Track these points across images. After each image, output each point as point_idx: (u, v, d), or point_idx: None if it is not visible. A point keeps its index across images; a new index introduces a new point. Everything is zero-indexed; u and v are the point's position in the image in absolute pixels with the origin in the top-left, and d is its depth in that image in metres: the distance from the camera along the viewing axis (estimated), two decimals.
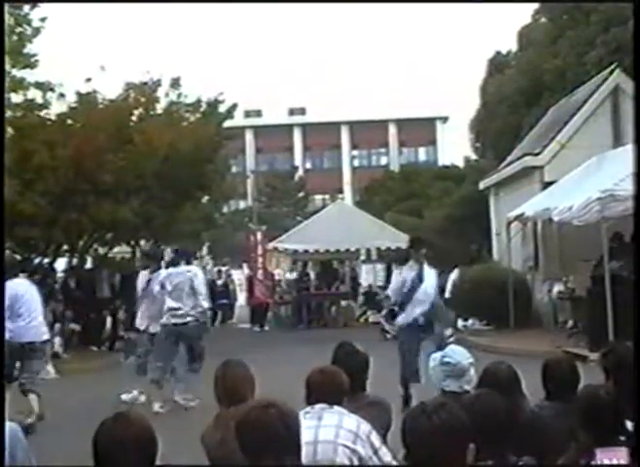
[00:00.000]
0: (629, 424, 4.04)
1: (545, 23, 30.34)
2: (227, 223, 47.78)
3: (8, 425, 3.83)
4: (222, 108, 25.54)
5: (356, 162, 72.87)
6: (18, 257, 22.55)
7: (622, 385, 4.32)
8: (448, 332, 12.47)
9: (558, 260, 18.15)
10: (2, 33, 16.88)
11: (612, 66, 21.20)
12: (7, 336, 10.01)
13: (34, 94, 21.15)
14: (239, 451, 3.13)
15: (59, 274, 24.62)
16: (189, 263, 12.47)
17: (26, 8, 20.42)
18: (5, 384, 9.08)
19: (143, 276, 12.65)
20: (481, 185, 25.63)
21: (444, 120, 70.37)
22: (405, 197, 35.59)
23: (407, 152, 72.15)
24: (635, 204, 11.84)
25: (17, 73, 20.48)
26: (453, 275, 22.18)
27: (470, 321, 20.14)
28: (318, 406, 4.31)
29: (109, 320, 20.96)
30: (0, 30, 15.95)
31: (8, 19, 19.74)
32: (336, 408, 4.31)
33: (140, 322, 12.34)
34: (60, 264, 25.10)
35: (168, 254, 35.31)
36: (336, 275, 28.13)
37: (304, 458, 4.08)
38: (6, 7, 18.16)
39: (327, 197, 63.43)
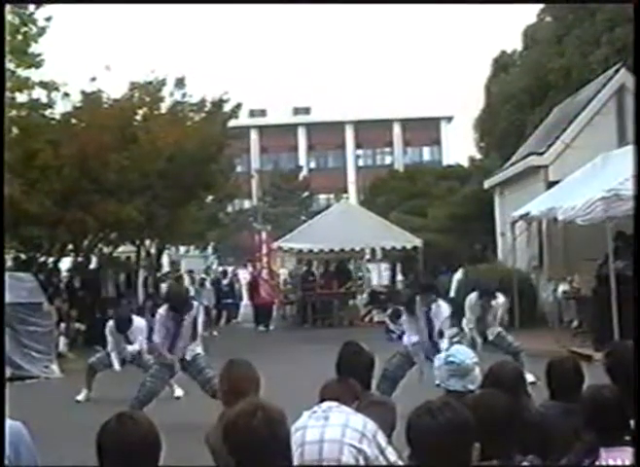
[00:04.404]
0: (634, 424, 4.03)
1: (550, 23, 30.30)
2: (231, 222, 47.76)
3: (12, 424, 3.82)
4: (226, 107, 25.56)
5: (360, 162, 72.85)
6: (23, 256, 22.61)
7: (625, 385, 4.31)
8: (453, 331, 12.41)
9: (563, 259, 18.12)
10: (2, 33, 16.88)
11: (617, 65, 21.17)
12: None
13: (39, 94, 21.21)
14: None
15: (64, 274, 24.65)
16: None
17: (31, 7, 20.42)
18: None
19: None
20: (486, 184, 25.61)
21: (449, 119, 70.33)
22: (409, 196, 35.50)
23: (411, 151, 72.11)
24: (635, 205, 11.84)
25: (21, 72, 20.49)
26: (458, 275, 22.15)
27: None
28: (325, 404, 4.30)
29: None
30: (0, 30, 15.93)
31: (13, 19, 19.78)
32: (343, 407, 4.30)
33: None
34: (65, 263, 25.14)
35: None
36: (349, 275, 28.10)
37: (310, 457, 4.09)
38: (8, 7, 18.18)
39: (331, 196, 63.38)
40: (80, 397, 12.97)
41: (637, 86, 15.35)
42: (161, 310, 10.91)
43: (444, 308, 10.84)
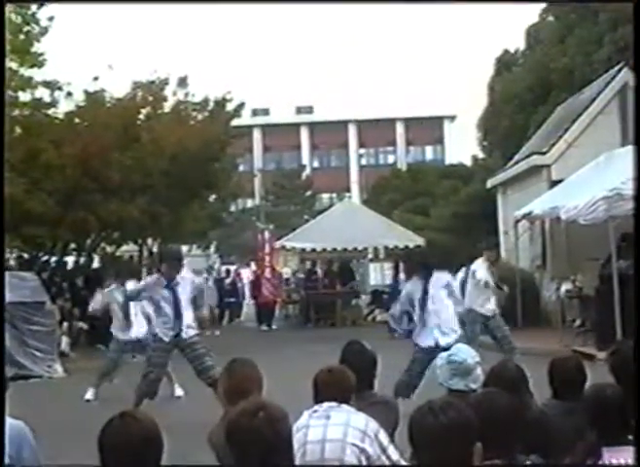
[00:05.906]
0: (635, 423, 4.02)
1: (552, 22, 30.29)
2: (234, 221, 47.81)
3: (15, 423, 3.82)
4: (229, 107, 25.59)
5: (363, 161, 72.87)
6: (26, 255, 22.65)
7: (629, 384, 4.31)
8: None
9: (566, 258, 18.09)
10: (2, 33, 16.88)
11: (620, 64, 21.14)
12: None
13: (42, 93, 21.25)
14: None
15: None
16: None
17: (34, 7, 20.44)
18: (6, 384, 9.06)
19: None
20: (489, 183, 25.58)
21: (452, 118, 70.28)
22: (412, 195, 35.54)
23: (414, 150, 72.12)
24: (635, 205, 11.84)
25: (24, 72, 20.52)
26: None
27: None
28: (326, 404, 4.30)
29: None
30: (0, 30, 15.94)
31: (15, 18, 19.79)
32: (344, 406, 4.30)
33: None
34: (68, 262, 25.16)
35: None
36: (352, 275, 28.06)
37: (312, 456, 4.09)
38: (9, 7, 18.16)
39: (334, 195, 63.39)
40: (88, 395, 12.85)
41: (637, 85, 15.34)
42: (151, 277, 10.88)
43: (442, 276, 10.47)
